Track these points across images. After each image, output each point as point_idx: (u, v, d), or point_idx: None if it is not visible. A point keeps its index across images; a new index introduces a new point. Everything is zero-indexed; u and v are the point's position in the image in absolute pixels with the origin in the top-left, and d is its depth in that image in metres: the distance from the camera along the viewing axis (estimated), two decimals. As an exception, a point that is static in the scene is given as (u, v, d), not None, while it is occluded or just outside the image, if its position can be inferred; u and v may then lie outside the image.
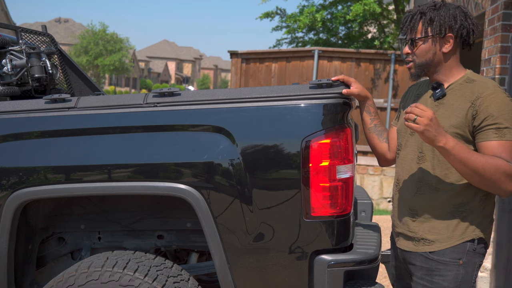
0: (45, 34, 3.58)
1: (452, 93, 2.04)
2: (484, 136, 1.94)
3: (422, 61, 2.07)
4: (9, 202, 2.35)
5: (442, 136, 1.88)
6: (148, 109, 2.35)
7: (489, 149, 1.92)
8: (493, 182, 1.89)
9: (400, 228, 2.18)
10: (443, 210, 2.04)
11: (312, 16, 13.03)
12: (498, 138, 1.91)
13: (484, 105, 1.92)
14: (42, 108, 2.44)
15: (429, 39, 2.05)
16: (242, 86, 10.46)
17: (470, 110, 1.95)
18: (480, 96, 1.94)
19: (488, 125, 1.92)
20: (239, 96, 2.30)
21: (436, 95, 2.06)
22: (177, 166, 2.28)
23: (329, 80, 2.24)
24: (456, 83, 2.06)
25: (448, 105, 2.03)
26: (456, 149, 1.87)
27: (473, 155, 1.88)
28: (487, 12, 4.46)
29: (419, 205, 2.08)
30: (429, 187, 2.06)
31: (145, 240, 2.68)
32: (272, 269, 2.26)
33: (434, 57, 2.06)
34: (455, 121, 1.98)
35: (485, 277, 4.24)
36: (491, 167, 1.87)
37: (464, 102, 1.98)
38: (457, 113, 1.98)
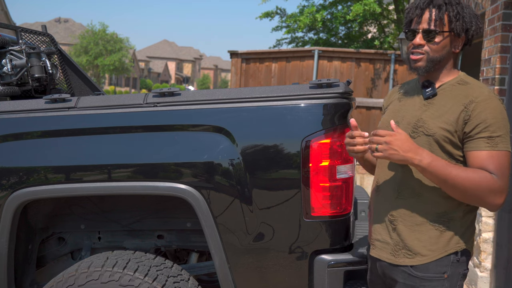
0: (45, 34, 3.58)
1: (443, 94, 1.89)
2: (474, 145, 1.78)
3: (436, 56, 1.87)
4: (9, 202, 2.35)
5: (415, 153, 1.74)
6: (148, 109, 2.35)
7: (477, 159, 1.77)
8: (477, 198, 1.77)
9: (378, 235, 1.98)
10: (426, 218, 1.86)
11: (312, 16, 13.03)
12: (489, 148, 1.76)
13: (477, 110, 1.77)
14: (42, 108, 2.44)
15: (449, 35, 1.87)
16: (242, 86, 10.46)
17: (462, 114, 1.79)
18: (474, 100, 1.79)
19: (480, 132, 1.77)
20: (239, 96, 2.30)
21: (426, 94, 1.91)
22: (177, 166, 2.28)
23: (329, 80, 2.24)
24: (448, 83, 1.91)
25: (439, 106, 1.87)
26: (433, 166, 1.73)
27: (452, 171, 1.74)
28: (487, 12, 4.46)
29: (400, 211, 1.90)
30: (411, 191, 1.88)
31: (145, 240, 2.68)
32: (272, 269, 2.25)
33: (446, 55, 1.89)
34: (445, 123, 1.82)
35: (485, 277, 4.24)
36: (472, 183, 1.73)
37: (456, 105, 1.82)
38: (448, 115, 1.82)
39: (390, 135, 1.75)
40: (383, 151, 1.75)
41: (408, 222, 1.88)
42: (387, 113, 2.05)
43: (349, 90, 2.29)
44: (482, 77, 4.52)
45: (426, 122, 1.84)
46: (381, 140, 1.76)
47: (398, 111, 1.98)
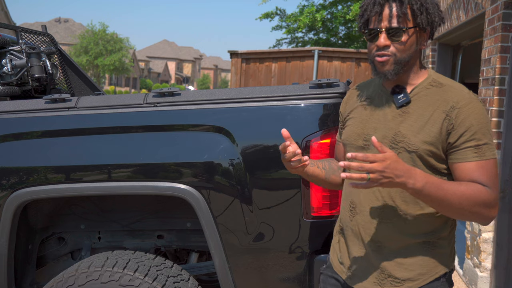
0: (45, 34, 3.58)
1: (418, 100, 1.65)
2: (461, 156, 1.59)
3: (404, 56, 1.63)
4: (9, 202, 2.35)
5: (408, 177, 1.49)
6: (148, 109, 2.35)
7: (466, 172, 1.59)
8: (473, 214, 1.57)
9: (357, 263, 1.73)
10: (413, 240, 1.65)
11: (312, 16, 13.04)
12: (478, 158, 1.58)
13: (461, 117, 1.58)
14: (42, 108, 2.44)
15: (415, 32, 1.64)
16: (242, 86, 10.46)
17: (445, 124, 1.59)
18: (456, 106, 1.59)
19: (467, 141, 1.58)
20: (239, 96, 2.30)
21: (399, 101, 1.66)
22: (177, 166, 2.28)
23: (329, 80, 2.24)
24: (419, 86, 1.67)
25: (417, 116, 1.63)
26: (427, 188, 1.51)
27: (448, 191, 1.53)
28: (487, 12, 4.46)
29: (384, 235, 1.66)
30: (396, 212, 1.65)
31: (145, 240, 2.68)
32: (272, 269, 2.25)
33: (413, 53, 1.66)
34: (428, 136, 1.60)
35: (485, 277, 4.24)
36: (469, 200, 1.54)
37: (436, 113, 1.61)
38: (429, 126, 1.60)
39: (381, 161, 1.45)
40: (375, 181, 1.46)
41: (394, 246, 1.66)
42: (353, 124, 1.77)
43: (349, 90, 2.29)
44: (482, 77, 4.52)
45: (406, 136, 1.61)
46: (372, 169, 1.45)
47: (367, 121, 1.72)
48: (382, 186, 1.48)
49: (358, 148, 1.72)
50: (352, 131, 1.76)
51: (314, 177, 1.82)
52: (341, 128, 1.89)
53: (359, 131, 1.73)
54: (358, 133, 1.72)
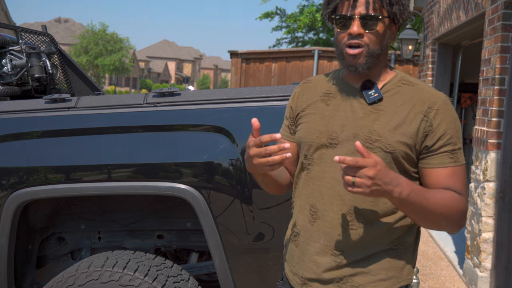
0: (45, 34, 3.58)
1: (390, 97, 1.53)
2: (437, 161, 1.48)
3: (377, 48, 1.50)
4: (9, 202, 2.35)
5: (395, 185, 1.36)
6: (148, 109, 2.35)
7: (441, 178, 1.48)
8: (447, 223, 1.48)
9: (314, 274, 1.56)
10: (377, 248, 1.52)
11: (312, 15, 13.04)
12: (453, 164, 1.48)
13: (438, 119, 1.47)
14: (42, 108, 2.44)
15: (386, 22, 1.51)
16: (242, 86, 10.46)
17: (423, 125, 1.47)
18: (433, 107, 1.48)
19: (444, 145, 1.47)
20: (239, 96, 2.30)
21: (371, 97, 1.52)
22: (177, 166, 2.28)
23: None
24: (390, 83, 1.55)
25: (391, 113, 1.50)
26: (412, 197, 1.39)
27: (429, 200, 1.42)
28: (487, 12, 4.46)
29: (348, 243, 1.51)
30: (363, 220, 1.50)
31: (145, 240, 2.68)
32: (272, 269, 2.25)
33: (385, 47, 1.54)
34: (404, 136, 1.47)
35: (485, 277, 4.24)
36: (448, 209, 1.45)
37: (412, 112, 1.49)
38: (406, 126, 1.48)
39: (372, 166, 1.32)
40: (363, 186, 1.31)
41: (358, 254, 1.52)
42: (313, 120, 1.59)
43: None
44: (482, 77, 4.52)
45: (383, 135, 1.47)
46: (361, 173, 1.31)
47: (331, 118, 1.55)
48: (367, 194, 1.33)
49: (321, 146, 1.55)
50: (313, 128, 1.57)
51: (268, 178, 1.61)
52: (291, 125, 1.69)
53: (322, 128, 1.55)
54: (321, 131, 1.55)
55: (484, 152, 4.31)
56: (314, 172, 1.57)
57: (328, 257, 1.54)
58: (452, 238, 6.02)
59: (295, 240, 1.64)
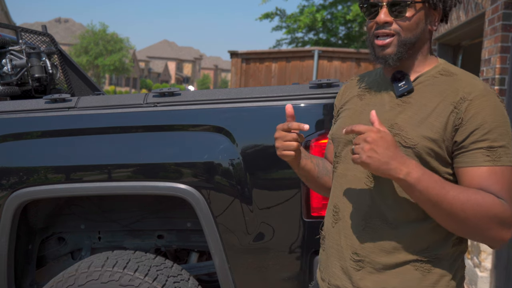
0: (45, 34, 3.58)
1: (422, 89, 1.39)
2: (469, 159, 1.29)
3: (410, 37, 1.37)
4: (9, 202, 2.35)
5: (401, 162, 1.23)
6: (148, 109, 2.35)
7: (475, 178, 1.29)
8: (479, 230, 1.26)
9: (338, 280, 1.45)
10: (402, 258, 1.35)
11: (312, 16, 13.06)
12: (490, 163, 1.28)
13: (472, 111, 1.29)
14: (42, 108, 2.44)
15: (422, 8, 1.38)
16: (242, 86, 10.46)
17: (452, 118, 1.31)
18: (466, 97, 1.31)
19: (477, 141, 1.28)
20: (239, 96, 2.30)
21: (400, 89, 1.40)
22: (177, 166, 2.28)
23: (329, 80, 2.24)
24: (426, 74, 1.41)
25: (419, 106, 1.36)
26: (423, 182, 1.23)
27: (449, 191, 1.24)
28: (487, 12, 4.46)
29: (367, 247, 1.38)
30: (383, 222, 1.36)
31: (145, 240, 2.68)
32: (272, 269, 2.25)
33: (421, 35, 1.39)
34: (429, 131, 1.32)
35: (485, 277, 4.24)
36: (475, 208, 1.23)
37: (442, 104, 1.33)
38: (432, 119, 1.33)
39: (372, 131, 1.24)
40: (360, 152, 1.24)
41: (378, 262, 1.37)
42: (346, 116, 1.51)
43: None
44: (482, 77, 4.52)
45: (404, 129, 1.34)
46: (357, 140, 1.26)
47: (361, 113, 1.47)
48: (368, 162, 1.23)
49: (348, 143, 1.47)
50: (343, 123, 1.50)
51: (306, 171, 1.57)
52: (334, 124, 1.62)
53: (351, 122, 1.46)
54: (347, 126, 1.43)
55: (484, 152, 4.30)
56: (340, 171, 1.49)
57: (349, 265, 1.41)
58: (452, 238, 6.01)
59: (322, 243, 1.55)
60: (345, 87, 1.62)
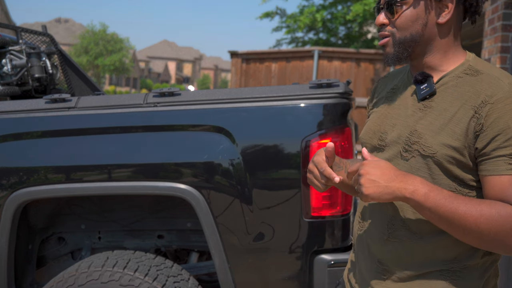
0: (45, 34, 3.58)
1: (445, 91, 1.30)
2: (491, 167, 1.22)
3: (406, 35, 1.32)
4: (9, 202, 2.35)
5: (403, 182, 1.20)
6: (148, 109, 2.35)
7: (497, 187, 1.21)
8: (498, 243, 1.20)
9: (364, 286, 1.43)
10: (428, 268, 1.31)
11: (312, 16, 13.05)
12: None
13: (493, 116, 1.20)
14: (42, 108, 2.44)
15: (420, 1, 1.31)
16: (242, 86, 10.46)
17: (473, 123, 1.22)
18: (488, 100, 1.21)
19: (499, 148, 1.20)
20: (239, 96, 2.30)
21: (422, 93, 1.33)
22: (177, 166, 2.28)
23: (329, 80, 2.24)
24: (451, 74, 1.32)
25: (439, 111, 1.29)
26: (432, 199, 1.19)
27: (460, 207, 1.18)
28: (487, 12, 4.46)
29: (392, 257, 1.34)
30: (407, 232, 1.32)
31: (145, 240, 2.68)
32: (272, 269, 2.25)
33: (424, 30, 1.32)
34: (449, 138, 1.25)
35: (485, 277, 4.24)
36: (490, 223, 1.17)
37: (464, 109, 1.24)
38: (453, 125, 1.25)
39: (363, 164, 1.23)
40: (359, 188, 1.22)
41: (402, 272, 1.33)
42: (372, 119, 1.47)
43: (349, 90, 2.29)
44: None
45: (423, 137, 1.28)
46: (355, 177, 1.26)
47: (386, 117, 1.41)
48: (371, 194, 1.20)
49: (373, 148, 1.42)
50: (369, 128, 1.45)
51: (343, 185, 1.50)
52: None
53: (375, 127, 1.42)
54: (374, 131, 1.42)
55: (484, 152, 4.31)
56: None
57: (373, 273, 1.38)
58: (452, 238, 6.00)
59: (353, 249, 1.53)
60: (376, 86, 1.57)
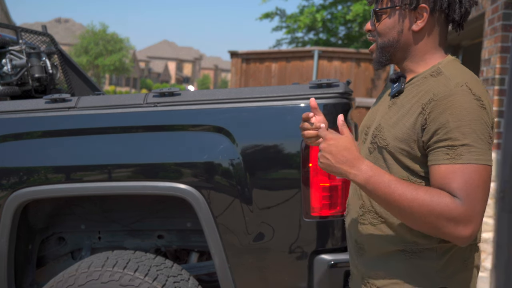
0: (45, 34, 3.58)
1: (409, 90, 1.45)
2: (433, 158, 1.34)
3: (385, 41, 1.48)
4: (9, 202, 2.35)
5: (350, 165, 1.34)
6: (148, 109, 2.35)
7: (436, 176, 1.33)
8: (431, 226, 1.31)
9: (352, 265, 1.61)
10: (393, 248, 1.44)
11: (312, 16, 13.05)
12: (450, 161, 1.30)
13: (435, 112, 1.33)
14: (42, 108, 2.44)
15: (396, 11, 1.45)
16: (242, 86, 10.46)
17: (420, 119, 1.36)
18: (433, 98, 1.34)
19: (439, 140, 1.32)
20: (239, 96, 2.30)
21: (392, 91, 1.50)
22: (177, 166, 2.28)
23: (329, 80, 2.24)
24: (420, 75, 1.45)
25: (399, 107, 1.44)
26: (372, 183, 1.32)
27: (396, 190, 1.31)
28: (487, 12, 4.46)
29: (364, 238, 1.51)
30: (374, 215, 1.47)
31: (145, 240, 2.68)
32: (272, 269, 2.26)
33: (400, 36, 1.46)
34: (400, 131, 1.39)
35: (485, 277, 4.24)
36: (421, 207, 1.29)
37: (415, 105, 1.39)
38: (405, 120, 1.39)
39: (324, 139, 1.37)
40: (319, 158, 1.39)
41: (373, 250, 1.49)
42: (367, 114, 1.65)
43: (349, 90, 2.29)
44: (482, 77, 4.52)
45: (382, 130, 1.45)
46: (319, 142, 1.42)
47: (373, 113, 1.59)
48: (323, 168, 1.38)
49: (361, 141, 1.60)
50: (362, 122, 1.64)
51: None
52: None
53: (365, 122, 1.61)
54: (363, 125, 1.61)
55: (484, 152, 4.30)
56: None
57: (354, 250, 1.57)
58: (452, 238, 6.00)
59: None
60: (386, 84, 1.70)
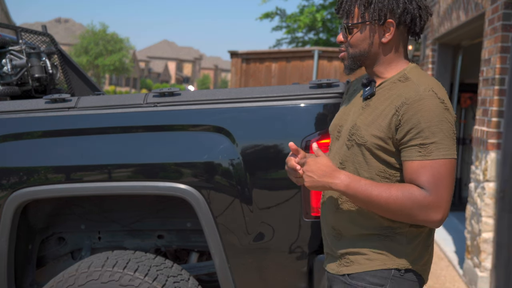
0: (45, 34, 3.58)
1: (380, 93, 1.65)
2: (406, 154, 1.56)
3: (356, 51, 1.68)
4: (9, 202, 2.35)
5: (330, 177, 1.57)
6: (148, 109, 2.35)
7: (409, 170, 1.56)
8: (408, 216, 1.55)
9: (327, 248, 1.81)
10: (369, 231, 1.66)
11: (312, 16, 13.06)
12: (421, 158, 1.52)
13: (408, 114, 1.54)
14: (42, 108, 2.44)
15: (367, 26, 1.64)
16: (242, 86, 10.45)
17: (394, 119, 1.57)
18: (406, 102, 1.55)
19: (412, 139, 1.54)
20: (239, 96, 2.30)
21: (365, 94, 1.69)
22: (177, 166, 2.28)
23: (329, 80, 2.24)
24: (389, 80, 1.66)
25: (373, 108, 1.64)
26: (351, 189, 1.55)
27: (373, 192, 1.54)
28: (487, 12, 4.46)
29: (341, 225, 1.71)
30: (350, 205, 1.68)
31: (145, 240, 2.68)
32: (272, 269, 2.26)
33: (371, 48, 1.66)
34: (377, 130, 1.59)
35: (485, 277, 4.24)
36: (396, 203, 1.53)
37: (389, 107, 1.59)
38: (380, 120, 1.60)
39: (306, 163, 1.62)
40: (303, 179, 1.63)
41: (350, 234, 1.69)
42: (337, 113, 1.84)
43: None
44: (482, 77, 4.52)
45: (359, 129, 1.64)
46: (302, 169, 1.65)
47: (344, 113, 1.78)
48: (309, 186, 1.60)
49: (334, 138, 1.80)
50: (333, 121, 1.83)
51: None
52: None
53: (336, 121, 1.79)
54: (335, 124, 1.79)
55: (484, 152, 4.31)
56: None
57: (331, 236, 1.76)
58: (452, 238, 6.02)
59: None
60: (349, 86, 1.92)
